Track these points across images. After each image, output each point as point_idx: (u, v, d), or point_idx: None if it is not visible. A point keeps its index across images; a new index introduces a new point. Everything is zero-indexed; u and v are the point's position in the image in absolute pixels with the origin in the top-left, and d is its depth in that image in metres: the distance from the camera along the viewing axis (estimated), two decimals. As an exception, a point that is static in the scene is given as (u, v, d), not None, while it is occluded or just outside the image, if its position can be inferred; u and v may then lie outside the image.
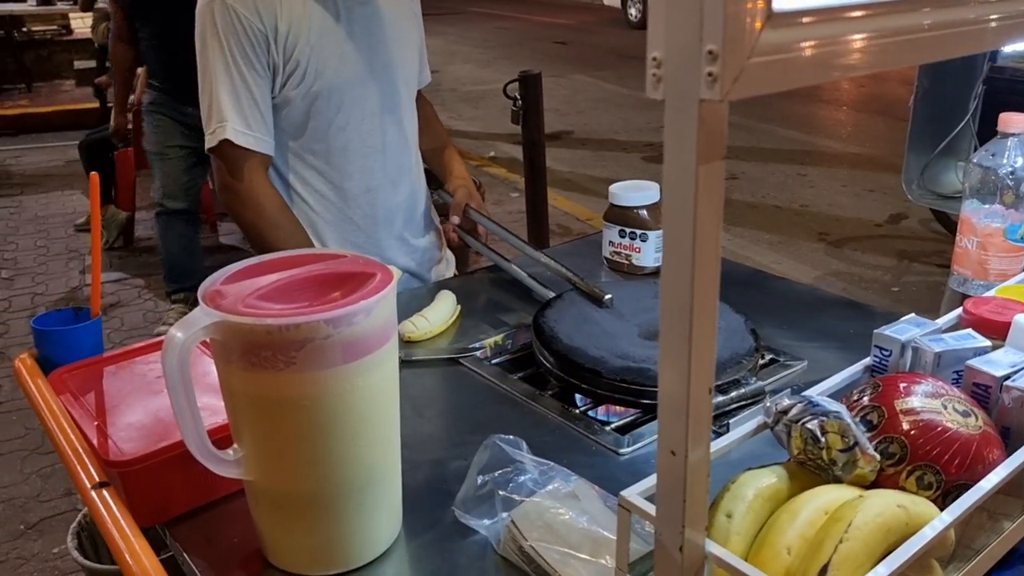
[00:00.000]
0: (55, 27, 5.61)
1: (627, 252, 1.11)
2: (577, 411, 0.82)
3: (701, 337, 0.36)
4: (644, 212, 1.09)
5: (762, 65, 0.32)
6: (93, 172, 0.84)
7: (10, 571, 1.58)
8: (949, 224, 2.68)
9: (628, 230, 1.09)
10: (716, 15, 0.29)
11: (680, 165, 0.33)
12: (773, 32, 0.33)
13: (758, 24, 0.32)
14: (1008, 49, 1.83)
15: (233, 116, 0.97)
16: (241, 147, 0.98)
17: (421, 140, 1.25)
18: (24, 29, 5.44)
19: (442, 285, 1.14)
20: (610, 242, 1.13)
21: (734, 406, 0.73)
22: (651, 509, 0.45)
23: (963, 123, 1.64)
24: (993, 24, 0.49)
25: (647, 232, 1.08)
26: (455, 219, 1.18)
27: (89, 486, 0.58)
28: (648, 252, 1.09)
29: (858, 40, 0.40)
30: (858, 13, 0.39)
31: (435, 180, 1.32)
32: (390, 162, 1.14)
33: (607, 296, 0.94)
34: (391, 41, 1.11)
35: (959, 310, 0.68)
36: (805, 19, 0.36)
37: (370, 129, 1.11)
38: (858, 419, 0.53)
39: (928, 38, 0.44)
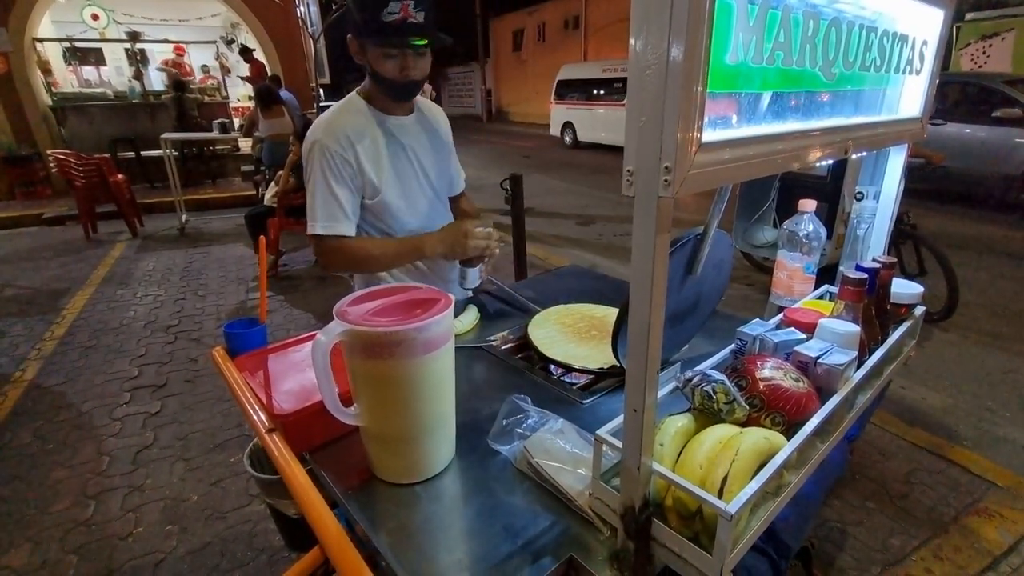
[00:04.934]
0: (229, 146, 8.30)
1: None
2: (555, 377, 1.14)
3: (655, 334, 0.53)
4: None
5: (697, 174, 0.50)
6: (260, 236, 1.17)
7: (206, 472, 2.25)
8: (753, 261, 4.19)
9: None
10: (670, 144, 0.46)
11: (645, 236, 0.49)
12: (703, 155, 0.52)
13: (695, 149, 0.52)
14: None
15: (319, 217, 1.27)
16: (321, 235, 1.28)
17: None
18: (211, 148, 8.16)
19: (468, 302, 1.50)
20: None
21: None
22: (618, 443, 0.66)
23: (768, 204, 2.20)
24: (830, 146, 0.75)
25: None
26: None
27: (264, 431, 0.85)
28: None
29: (753, 158, 0.61)
30: (752, 143, 0.60)
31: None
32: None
33: None
34: (429, 158, 1.43)
35: (780, 315, 0.98)
36: (722, 147, 0.56)
37: (425, 218, 1.43)
38: (733, 383, 0.75)
39: (790, 157, 0.68)
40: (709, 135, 0.50)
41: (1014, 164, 5.76)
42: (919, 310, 1.13)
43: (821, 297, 1.19)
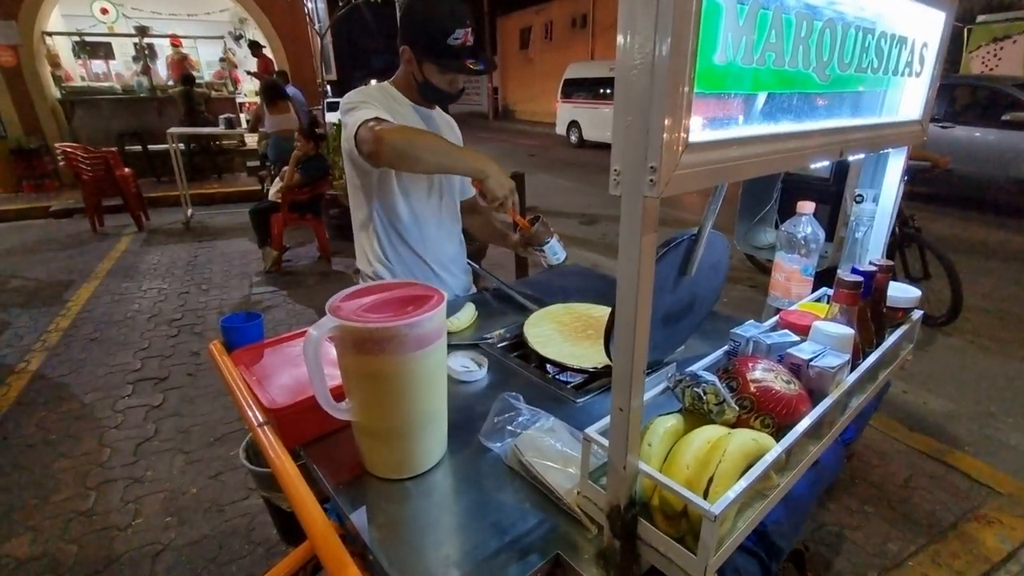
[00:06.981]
0: (235, 142, 8.33)
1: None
2: (550, 376, 1.14)
3: (641, 334, 0.53)
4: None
5: (683, 175, 0.50)
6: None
7: (205, 465, 2.27)
8: (756, 263, 4.20)
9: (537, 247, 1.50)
10: (656, 144, 0.45)
11: (631, 236, 0.49)
12: (689, 155, 0.52)
13: (681, 149, 0.51)
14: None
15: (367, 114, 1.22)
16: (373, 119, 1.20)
17: (483, 228, 1.71)
18: (217, 143, 8.24)
19: (465, 299, 1.52)
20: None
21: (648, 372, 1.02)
22: (605, 442, 0.66)
23: (770, 205, 2.21)
24: (824, 148, 0.75)
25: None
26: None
27: (256, 424, 0.86)
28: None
29: (744, 159, 0.60)
30: (742, 144, 0.60)
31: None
32: (444, 228, 1.55)
33: None
34: None
35: (776, 317, 0.97)
36: (710, 148, 0.55)
37: (435, 207, 1.50)
38: (724, 385, 0.75)
39: (781, 159, 0.68)
40: (697, 135, 0.50)
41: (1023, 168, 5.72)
42: (916, 314, 1.12)
43: (819, 300, 1.19)
